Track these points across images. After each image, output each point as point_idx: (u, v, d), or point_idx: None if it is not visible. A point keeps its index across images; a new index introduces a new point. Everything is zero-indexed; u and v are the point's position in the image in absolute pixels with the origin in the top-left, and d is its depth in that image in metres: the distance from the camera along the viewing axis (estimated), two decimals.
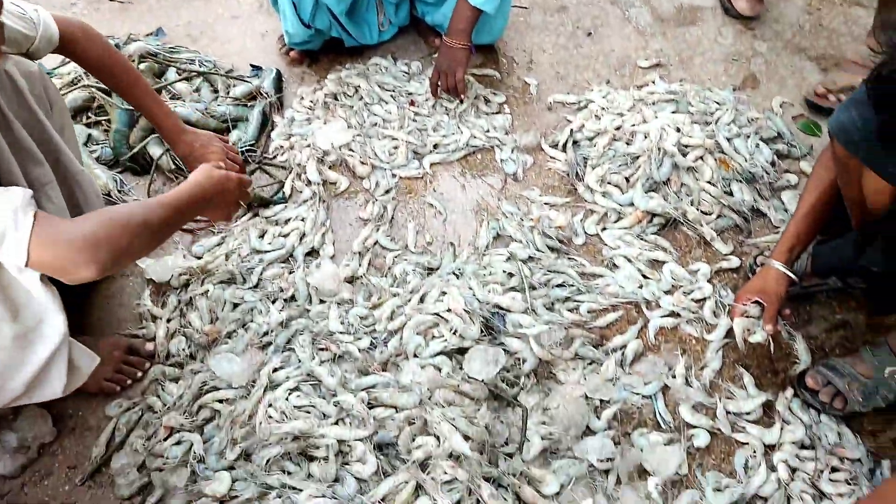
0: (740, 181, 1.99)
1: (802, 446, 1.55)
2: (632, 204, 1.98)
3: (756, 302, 1.60)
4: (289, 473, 1.45)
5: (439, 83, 2.22)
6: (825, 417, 1.59)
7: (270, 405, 1.53)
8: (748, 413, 1.61)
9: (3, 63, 1.35)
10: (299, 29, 2.25)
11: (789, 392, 1.63)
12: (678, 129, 2.04)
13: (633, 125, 2.10)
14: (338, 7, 2.19)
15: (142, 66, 2.22)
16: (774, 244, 1.67)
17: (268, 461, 1.45)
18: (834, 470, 1.51)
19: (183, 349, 1.71)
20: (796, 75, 2.41)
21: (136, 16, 2.64)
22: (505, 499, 1.36)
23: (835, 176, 1.52)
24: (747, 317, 1.60)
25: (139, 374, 1.69)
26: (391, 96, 2.32)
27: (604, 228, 1.97)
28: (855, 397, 1.54)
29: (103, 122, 2.19)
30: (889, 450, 1.57)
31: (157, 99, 1.81)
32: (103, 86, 2.13)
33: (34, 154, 1.44)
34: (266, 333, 1.72)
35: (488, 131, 2.24)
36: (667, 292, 1.82)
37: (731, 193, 1.98)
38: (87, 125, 2.19)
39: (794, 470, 1.51)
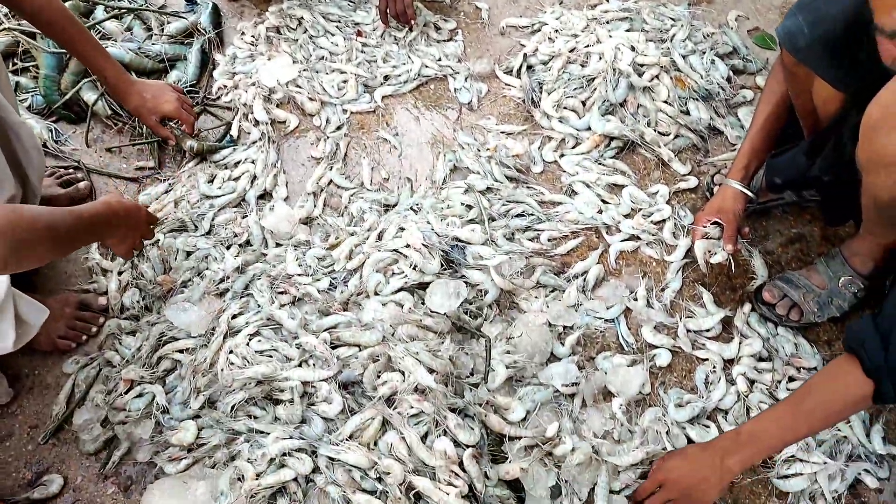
0: (697, 99, 1.96)
1: (760, 359, 1.59)
2: (589, 128, 1.94)
3: (715, 222, 1.60)
4: (255, 418, 1.44)
5: (388, 10, 2.12)
6: (782, 329, 1.62)
7: (231, 352, 1.51)
8: (708, 330, 1.64)
9: None
10: None
11: (747, 307, 1.66)
12: (633, 48, 1.99)
13: (588, 46, 2.05)
14: None
15: (66, 3, 2.06)
16: (731, 162, 1.66)
17: (233, 407, 1.44)
18: (791, 380, 1.55)
19: (137, 301, 1.67)
20: None
21: None
22: (472, 428, 1.37)
23: (784, 89, 1.51)
24: (708, 238, 1.61)
25: (94, 329, 1.64)
26: (337, 27, 2.22)
27: (562, 155, 1.94)
28: (810, 308, 1.58)
29: (31, 68, 2.05)
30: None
31: (103, 51, 1.73)
32: (27, 28, 2.00)
33: None
34: (222, 280, 1.68)
35: (440, 60, 2.16)
36: (626, 216, 1.82)
37: (687, 112, 1.96)
38: (14, 72, 2.05)
39: (752, 382, 1.56)
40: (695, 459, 1.29)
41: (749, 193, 1.59)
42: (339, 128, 2.02)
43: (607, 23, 2.14)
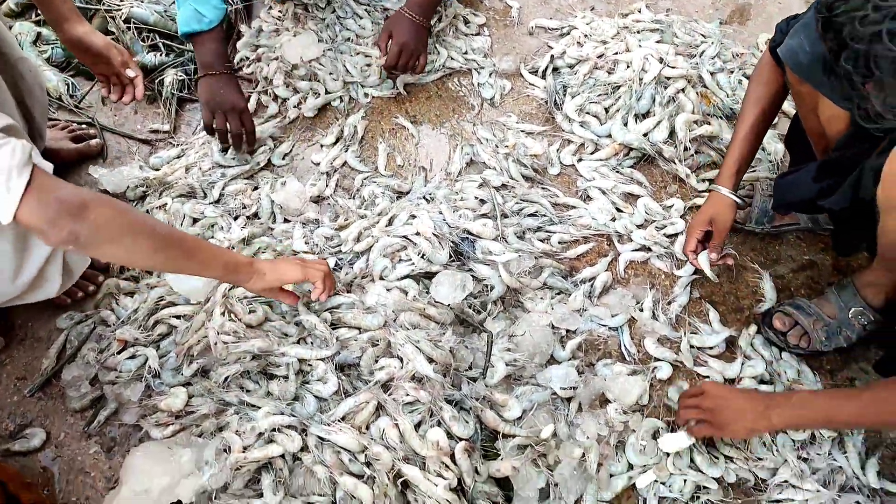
0: (720, 117, 1.94)
1: (761, 381, 1.56)
2: (609, 136, 1.92)
3: (707, 232, 1.60)
4: (247, 391, 1.42)
5: (397, 65, 1.92)
6: (786, 355, 1.60)
7: (228, 311, 1.48)
8: (711, 348, 1.62)
9: None
10: None
11: (752, 329, 1.64)
12: (661, 60, 1.97)
13: (616, 53, 2.03)
14: None
15: None
16: (720, 167, 1.62)
17: (226, 378, 1.42)
18: None
19: None
20: (784, 11, 2.34)
21: None
22: (466, 422, 1.35)
23: (772, 91, 1.51)
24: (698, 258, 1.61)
25: (91, 287, 1.62)
26: (366, 10, 2.20)
27: (580, 159, 1.92)
28: (818, 336, 1.56)
29: None
30: (845, 388, 1.60)
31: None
32: None
33: None
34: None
35: (466, 53, 2.14)
36: (639, 226, 1.80)
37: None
38: (37, 23, 2.04)
39: None
40: (742, 394, 1.36)
41: (738, 200, 1.57)
42: (358, 110, 2.00)
43: (638, 32, 2.12)
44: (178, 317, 1.56)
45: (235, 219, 1.74)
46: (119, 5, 1.96)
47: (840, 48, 0.87)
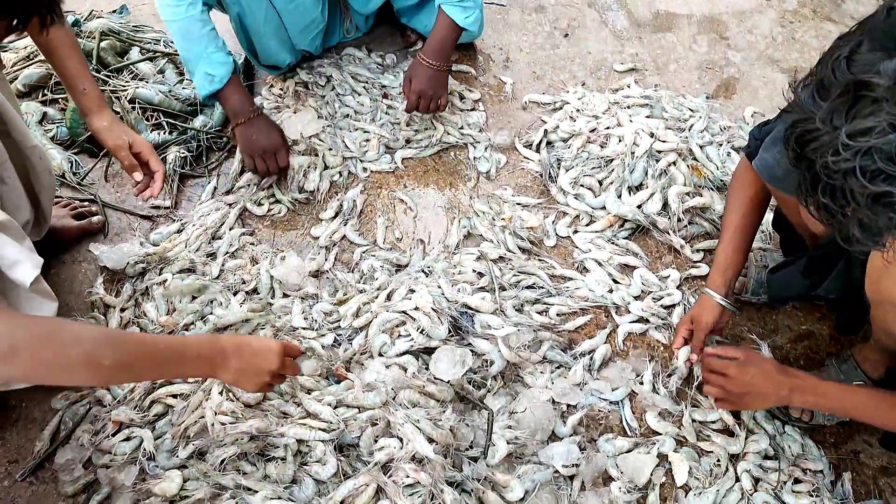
0: (711, 189, 1.98)
1: (766, 456, 1.54)
2: (604, 207, 1.96)
3: (692, 331, 1.59)
4: (244, 474, 1.39)
5: (419, 107, 2.03)
6: (789, 428, 1.59)
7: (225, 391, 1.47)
8: (713, 422, 1.60)
9: None
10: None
11: None
12: (652, 134, 2.03)
13: (608, 128, 2.09)
14: (311, 47, 2.21)
15: (103, 43, 2.12)
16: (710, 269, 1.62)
17: (223, 461, 1.39)
18: (797, 481, 1.50)
19: None
20: (768, 86, 2.43)
21: None
22: None
23: (753, 192, 1.51)
24: (689, 361, 1.60)
25: None
26: (364, 88, 2.26)
27: (575, 231, 1.95)
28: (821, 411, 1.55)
29: (60, 100, 2.09)
30: (850, 461, 1.58)
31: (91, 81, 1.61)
32: None
33: None
34: (226, 327, 1.65)
35: (462, 128, 2.20)
36: (636, 297, 1.81)
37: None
38: (43, 103, 2.09)
39: (757, 480, 1.50)
40: (769, 379, 1.38)
41: (729, 307, 1.55)
42: (357, 185, 2.03)
43: (628, 107, 2.18)
44: (174, 396, 1.54)
45: (235, 294, 1.74)
46: (125, 86, 2.02)
47: (815, 180, 0.88)
